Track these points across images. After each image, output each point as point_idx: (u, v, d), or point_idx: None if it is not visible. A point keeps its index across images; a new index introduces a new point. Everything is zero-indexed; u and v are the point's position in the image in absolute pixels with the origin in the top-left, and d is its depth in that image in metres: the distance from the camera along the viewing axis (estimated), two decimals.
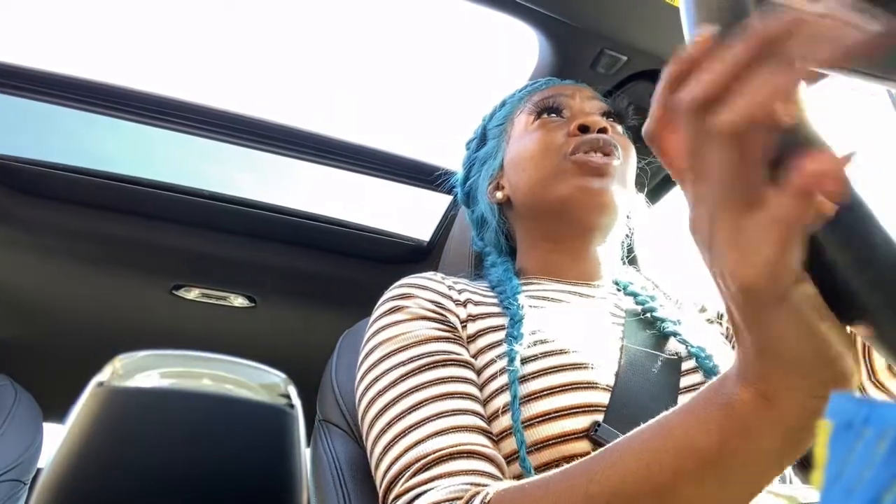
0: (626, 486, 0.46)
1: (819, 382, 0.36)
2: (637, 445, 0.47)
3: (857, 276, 0.31)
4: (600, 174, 0.82)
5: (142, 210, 1.49)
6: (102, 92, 1.29)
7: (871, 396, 0.74)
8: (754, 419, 0.39)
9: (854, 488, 0.22)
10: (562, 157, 0.84)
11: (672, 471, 0.44)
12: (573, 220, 0.85)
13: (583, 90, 0.93)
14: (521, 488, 0.53)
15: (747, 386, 0.39)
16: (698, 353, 0.72)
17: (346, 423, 0.90)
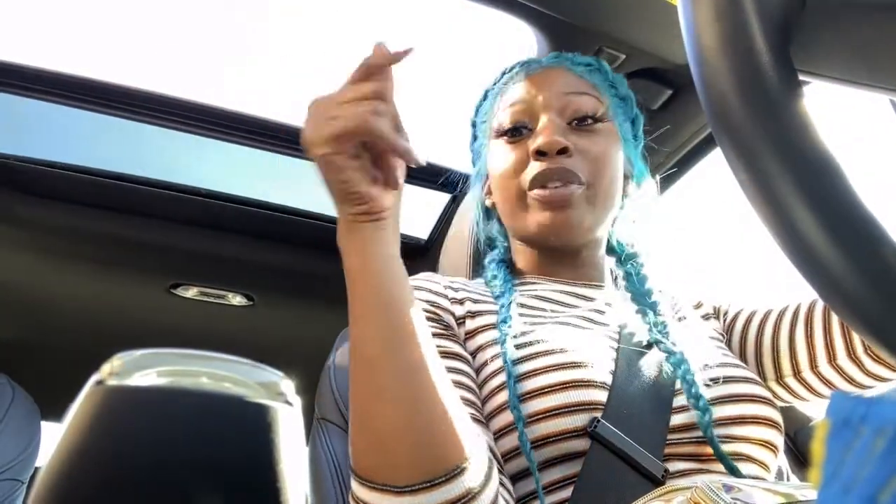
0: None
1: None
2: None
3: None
4: (561, 207, 0.80)
5: (140, 209, 1.49)
6: (100, 90, 1.29)
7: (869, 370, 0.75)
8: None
9: (851, 486, 0.22)
10: (522, 192, 0.83)
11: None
12: (550, 245, 0.85)
13: (559, 78, 0.87)
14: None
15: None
16: (675, 362, 0.72)
17: (344, 421, 0.90)
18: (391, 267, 0.61)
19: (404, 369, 0.57)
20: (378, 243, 0.61)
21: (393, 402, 0.56)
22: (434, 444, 0.55)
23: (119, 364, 0.29)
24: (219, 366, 0.30)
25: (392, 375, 0.57)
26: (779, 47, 0.35)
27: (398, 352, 0.58)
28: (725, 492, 0.46)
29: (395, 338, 0.58)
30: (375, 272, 0.60)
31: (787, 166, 0.34)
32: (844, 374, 0.77)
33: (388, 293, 0.60)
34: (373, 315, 0.59)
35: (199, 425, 0.28)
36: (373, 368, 0.58)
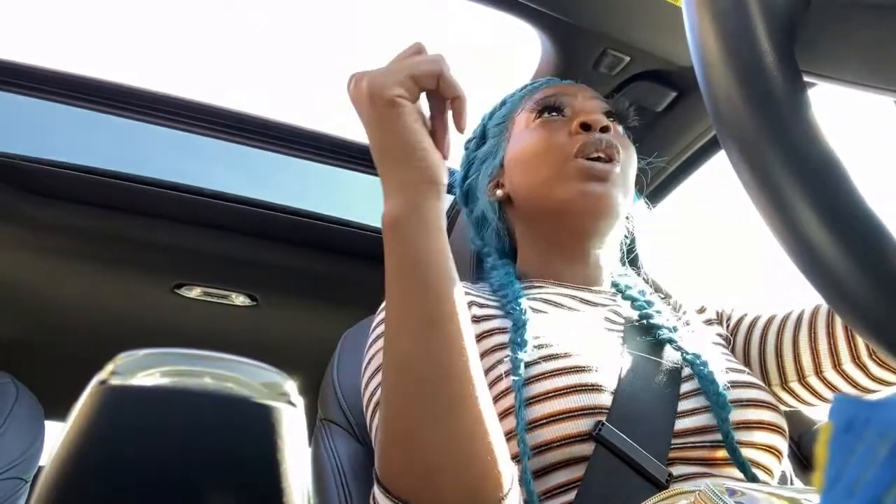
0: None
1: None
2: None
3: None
4: (602, 179, 0.81)
5: (144, 208, 1.49)
6: (104, 90, 1.29)
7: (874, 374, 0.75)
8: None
9: (855, 490, 0.22)
10: (564, 159, 0.83)
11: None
12: (572, 224, 0.84)
13: (584, 90, 0.92)
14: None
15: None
16: (693, 360, 0.72)
17: (347, 423, 0.90)
18: (450, 264, 0.58)
19: (456, 396, 0.54)
20: (440, 229, 0.58)
21: (441, 430, 0.54)
22: (479, 479, 0.54)
23: (122, 364, 0.29)
24: (222, 366, 0.30)
25: (442, 402, 0.54)
26: (783, 48, 0.35)
27: (451, 376, 0.55)
28: (729, 496, 0.46)
29: (448, 357, 0.55)
30: (433, 267, 0.57)
31: (790, 167, 0.33)
32: (849, 378, 0.77)
33: (446, 297, 0.56)
34: (426, 325, 0.55)
35: (202, 425, 0.28)
36: (421, 391, 0.54)
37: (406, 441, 0.55)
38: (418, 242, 0.57)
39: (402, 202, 0.58)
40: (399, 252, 0.57)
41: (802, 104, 0.34)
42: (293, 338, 1.86)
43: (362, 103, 0.60)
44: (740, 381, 0.72)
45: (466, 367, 0.55)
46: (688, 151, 1.24)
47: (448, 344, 0.55)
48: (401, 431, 0.56)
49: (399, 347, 0.56)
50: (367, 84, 0.59)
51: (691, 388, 0.71)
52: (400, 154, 0.59)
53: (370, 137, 0.61)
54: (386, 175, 0.60)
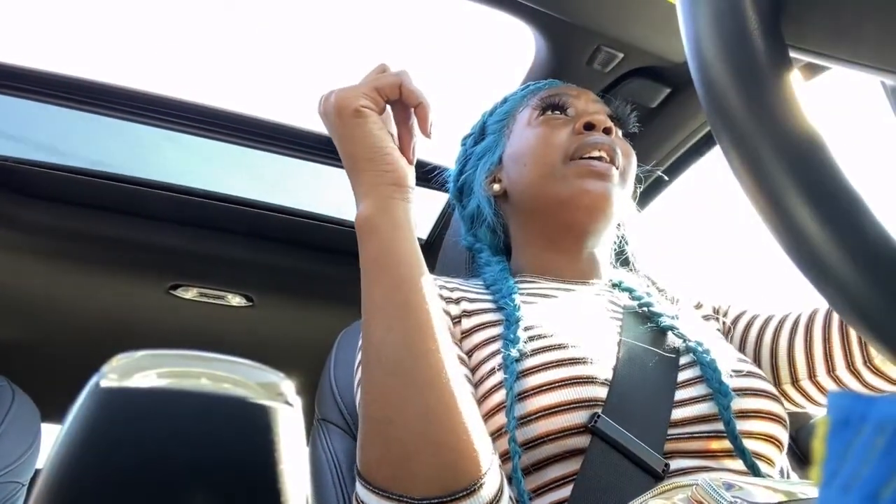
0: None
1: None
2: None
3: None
4: (602, 178, 0.82)
5: (139, 210, 1.48)
6: (99, 92, 1.29)
7: (868, 382, 0.75)
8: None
9: (852, 484, 0.22)
10: (564, 158, 0.84)
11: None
12: (569, 220, 0.84)
13: (587, 93, 0.93)
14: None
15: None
16: (695, 347, 0.73)
17: (344, 422, 0.90)
18: (419, 258, 0.62)
19: (429, 375, 0.57)
20: (407, 227, 0.63)
21: (416, 411, 0.55)
22: (455, 458, 0.55)
23: (119, 365, 0.29)
24: (219, 367, 0.30)
25: (416, 382, 0.56)
26: (769, 21, 0.35)
27: (423, 356, 0.57)
28: (726, 489, 0.46)
29: (420, 340, 0.58)
30: (403, 260, 0.61)
31: (772, 141, 0.33)
32: (842, 385, 0.77)
33: (416, 288, 0.60)
34: (398, 313, 0.59)
35: (200, 426, 0.28)
36: (395, 373, 0.57)
37: (382, 428, 0.57)
38: (387, 239, 0.61)
39: (371, 203, 0.63)
40: (370, 248, 0.62)
41: (787, 77, 0.34)
42: (290, 338, 1.86)
43: (330, 116, 0.66)
44: (742, 371, 0.73)
45: (437, 350, 0.58)
46: (682, 148, 1.25)
47: (418, 329, 0.58)
48: (377, 419, 0.57)
49: (373, 337, 0.59)
50: (335, 97, 0.65)
51: (690, 376, 0.71)
52: (367, 159, 0.64)
53: (340, 148, 0.66)
54: (356, 181, 0.65)
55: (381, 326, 0.59)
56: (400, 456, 0.55)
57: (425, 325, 0.59)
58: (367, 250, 0.62)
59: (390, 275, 0.60)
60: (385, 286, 0.60)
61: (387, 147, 0.64)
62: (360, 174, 0.64)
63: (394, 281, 0.60)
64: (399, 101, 0.67)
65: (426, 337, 0.58)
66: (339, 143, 0.66)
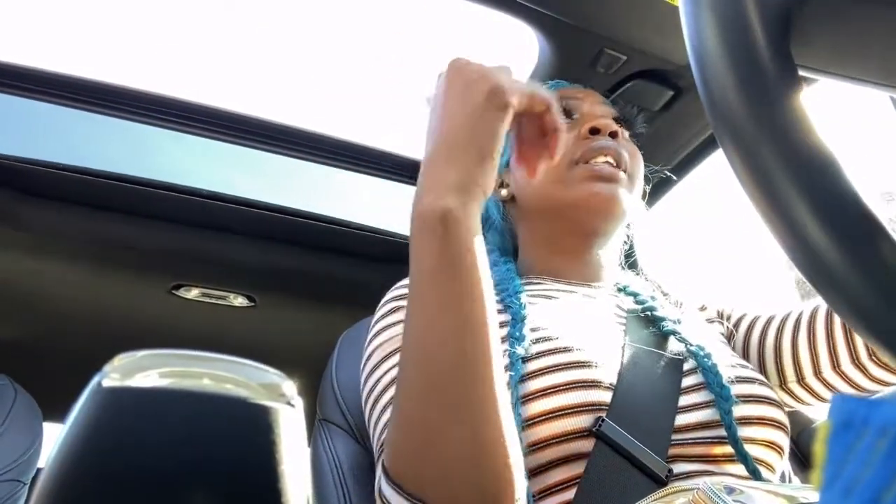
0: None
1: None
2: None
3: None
4: (609, 180, 0.82)
5: (141, 210, 1.49)
6: (101, 91, 1.29)
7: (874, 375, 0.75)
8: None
9: (853, 488, 0.22)
10: (570, 163, 0.84)
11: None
12: (577, 224, 0.85)
13: (593, 95, 0.93)
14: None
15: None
16: (697, 351, 0.72)
17: (346, 423, 0.90)
18: (488, 270, 0.58)
19: (484, 401, 0.54)
20: (480, 237, 0.58)
21: (465, 436, 0.53)
22: (498, 481, 0.53)
23: (120, 365, 0.29)
24: (220, 367, 0.30)
25: (470, 408, 0.53)
26: (778, 41, 0.35)
27: (479, 383, 0.54)
28: (727, 493, 0.46)
29: (477, 363, 0.54)
30: (478, 265, 0.56)
31: (783, 160, 0.33)
32: (849, 379, 0.77)
33: (484, 300, 0.56)
34: (460, 328, 0.54)
35: (201, 426, 0.28)
36: (449, 397, 0.53)
37: (424, 442, 0.54)
38: (469, 241, 0.56)
39: (459, 197, 0.56)
40: (445, 244, 0.55)
41: (796, 97, 0.34)
42: (292, 338, 1.86)
43: (476, 92, 0.58)
44: (743, 377, 0.72)
45: (494, 372, 0.55)
46: (685, 150, 1.25)
47: (479, 350, 0.54)
48: (418, 433, 0.55)
49: (427, 346, 0.55)
50: (495, 80, 0.58)
51: (694, 382, 0.71)
52: (484, 155, 0.57)
53: (456, 126, 0.58)
54: (450, 167, 0.57)
55: (439, 340, 0.54)
56: (442, 475, 0.53)
57: (488, 348, 0.55)
58: (438, 247, 0.55)
59: (463, 280, 0.55)
60: (454, 291, 0.55)
61: (499, 152, 0.58)
62: (464, 163, 0.57)
63: (465, 287, 0.55)
64: (537, 116, 0.62)
65: (487, 360, 0.54)
66: (456, 121, 0.58)
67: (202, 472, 0.27)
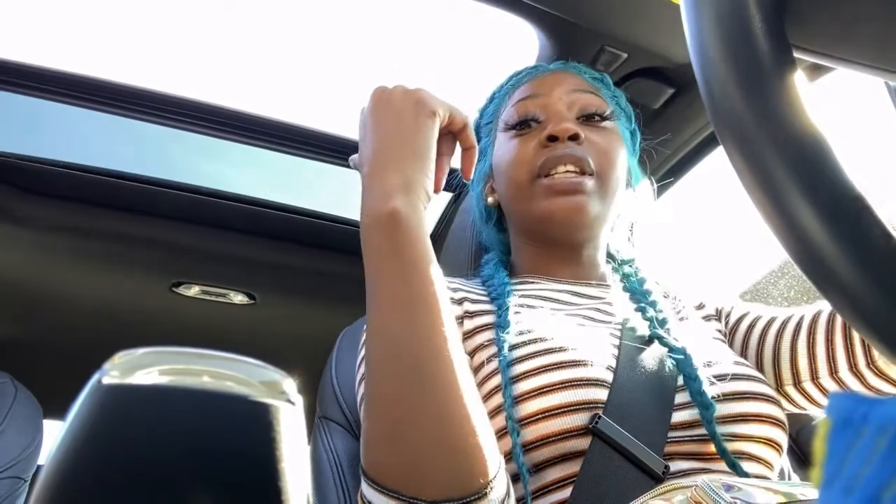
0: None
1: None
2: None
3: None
4: (570, 192, 0.81)
5: (141, 207, 1.49)
6: (102, 88, 1.29)
7: (870, 384, 0.75)
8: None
9: (853, 486, 0.22)
10: (531, 176, 0.83)
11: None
12: (553, 234, 0.85)
13: (567, 79, 0.90)
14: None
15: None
16: (677, 357, 0.72)
17: (345, 420, 0.90)
18: (434, 258, 0.62)
19: (445, 377, 0.56)
20: (426, 230, 0.63)
21: (431, 413, 0.54)
22: (468, 462, 0.54)
23: (120, 362, 0.29)
24: (220, 364, 0.30)
25: (433, 385, 0.55)
26: (773, 21, 0.34)
27: (441, 358, 0.56)
28: (725, 491, 0.46)
29: (438, 340, 0.57)
30: (426, 256, 0.60)
31: (776, 142, 0.33)
32: (845, 386, 0.77)
33: (435, 285, 0.59)
34: (417, 310, 0.57)
35: (201, 424, 0.28)
36: (413, 374, 0.55)
37: (392, 428, 0.55)
38: (414, 234, 0.60)
39: (404, 198, 0.61)
40: (394, 240, 0.60)
41: (791, 77, 0.34)
42: (291, 336, 1.86)
43: (400, 104, 0.67)
44: (739, 374, 0.72)
45: (452, 351, 0.57)
46: (685, 148, 1.25)
47: (436, 329, 0.57)
48: (387, 418, 0.56)
49: (388, 334, 0.58)
50: (420, 93, 0.67)
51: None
52: (419, 157, 0.64)
53: (389, 136, 0.66)
54: (393, 171, 0.63)
55: (398, 323, 0.57)
56: (412, 458, 0.54)
57: (443, 325, 0.57)
58: (389, 242, 0.60)
59: (413, 270, 0.59)
60: (406, 281, 0.59)
61: (434, 156, 0.66)
62: (403, 167, 0.63)
63: (415, 276, 0.59)
64: (454, 134, 0.71)
65: (443, 337, 0.57)
66: (391, 132, 0.66)
67: (202, 469, 0.27)
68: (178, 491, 0.27)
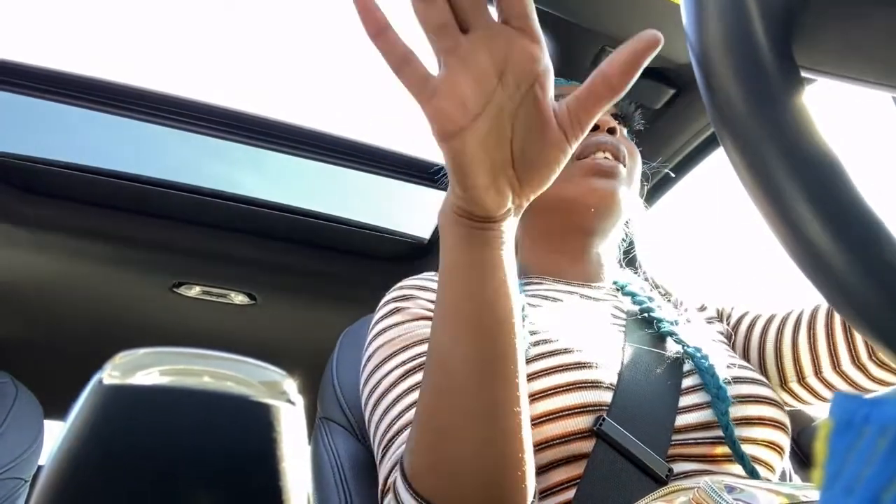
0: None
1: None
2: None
3: None
4: (608, 175, 0.82)
5: (142, 207, 1.49)
6: (103, 89, 1.29)
7: (874, 375, 0.75)
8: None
9: (854, 487, 0.22)
10: (571, 158, 0.83)
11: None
12: (575, 221, 0.85)
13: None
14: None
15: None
16: (694, 353, 0.72)
17: (346, 421, 0.90)
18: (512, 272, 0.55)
19: (500, 397, 0.53)
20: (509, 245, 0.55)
21: (480, 436, 0.53)
22: (505, 489, 0.53)
23: (121, 363, 0.29)
24: (221, 365, 0.30)
25: (487, 401, 0.53)
26: (781, 42, 0.34)
27: (493, 380, 0.53)
28: (728, 492, 0.46)
29: (491, 360, 0.53)
30: (502, 270, 0.53)
31: (786, 162, 0.33)
32: (849, 379, 0.77)
33: (495, 298, 0.53)
34: (469, 325, 0.53)
35: (202, 424, 0.28)
36: (466, 388, 0.53)
37: (438, 439, 0.54)
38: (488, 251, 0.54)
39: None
40: (464, 258, 0.54)
41: (799, 98, 0.34)
42: (292, 336, 1.86)
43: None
44: (743, 377, 0.72)
45: (508, 374, 0.54)
46: (686, 149, 1.24)
47: (491, 348, 0.54)
48: (434, 428, 0.55)
49: (439, 345, 0.55)
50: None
51: (693, 383, 0.71)
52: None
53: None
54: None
55: (448, 335, 0.54)
56: (450, 471, 0.54)
57: (505, 345, 0.54)
58: (455, 244, 0.54)
59: (475, 282, 0.53)
60: (464, 292, 0.54)
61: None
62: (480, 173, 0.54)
63: (476, 289, 0.53)
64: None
65: (502, 359, 0.53)
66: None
67: (203, 470, 0.27)
68: (178, 491, 0.27)
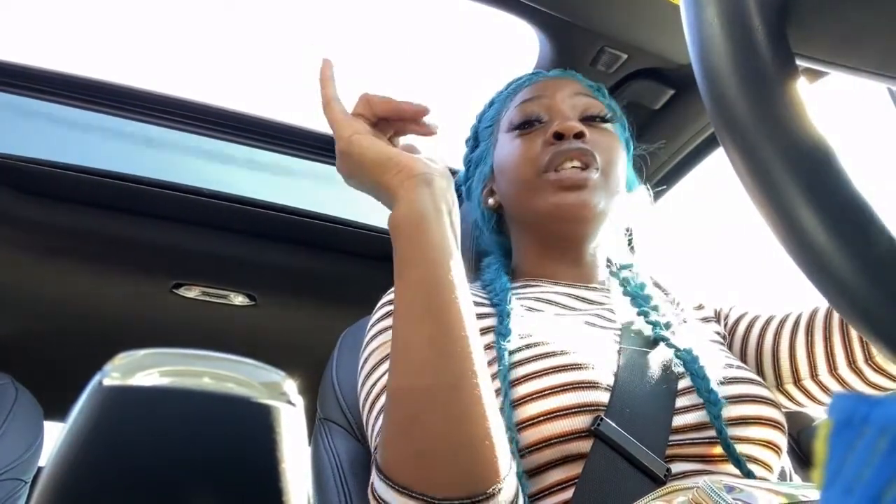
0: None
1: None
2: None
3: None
4: (577, 188, 0.81)
5: (142, 208, 1.49)
6: (102, 90, 1.29)
7: (869, 380, 0.75)
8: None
9: (854, 486, 0.22)
10: (536, 174, 0.83)
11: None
12: (557, 231, 0.85)
13: (568, 84, 0.91)
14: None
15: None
16: (685, 356, 0.72)
17: (346, 422, 0.90)
18: (447, 253, 0.61)
19: (455, 378, 0.56)
20: (433, 219, 0.62)
21: (441, 413, 0.55)
22: (477, 463, 0.54)
23: (121, 364, 0.29)
24: (221, 366, 0.30)
25: (441, 384, 0.56)
26: (775, 29, 0.35)
27: (449, 358, 0.57)
28: (727, 492, 0.46)
29: (446, 341, 0.57)
30: (428, 258, 0.60)
31: (779, 149, 0.33)
32: (845, 383, 0.77)
33: (441, 285, 0.59)
34: (423, 312, 0.58)
35: (202, 425, 0.28)
36: (421, 374, 0.56)
37: (405, 427, 0.56)
38: (408, 237, 0.62)
39: (397, 204, 0.64)
40: (397, 248, 0.62)
41: (793, 85, 0.34)
42: (292, 337, 1.86)
43: (345, 159, 0.69)
44: (737, 377, 0.72)
45: (463, 351, 0.57)
46: (685, 150, 1.25)
47: (444, 330, 0.58)
48: (400, 418, 0.57)
49: (400, 336, 0.59)
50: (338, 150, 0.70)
51: (688, 384, 0.71)
52: (377, 166, 0.66)
53: (359, 175, 0.69)
54: (385, 193, 0.66)
55: (407, 326, 0.59)
56: (422, 455, 0.55)
57: (453, 325, 0.58)
58: (395, 250, 0.62)
59: (415, 273, 0.60)
60: (409, 285, 0.60)
61: (388, 151, 0.66)
62: (379, 182, 0.65)
63: (417, 279, 0.59)
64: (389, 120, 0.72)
65: (453, 338, 0.57)
66: (358, 171, 0.68)
67: (203, 471, 0.27)
68: (178, 492, 0.27)
